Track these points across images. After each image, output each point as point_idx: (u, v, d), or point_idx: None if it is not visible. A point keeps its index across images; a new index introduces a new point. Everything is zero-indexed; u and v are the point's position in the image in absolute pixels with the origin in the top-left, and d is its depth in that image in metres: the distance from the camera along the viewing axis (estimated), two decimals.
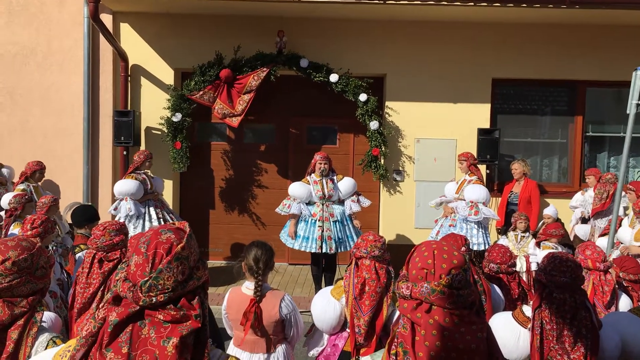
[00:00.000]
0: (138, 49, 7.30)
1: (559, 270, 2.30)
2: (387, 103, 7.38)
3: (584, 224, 6.66)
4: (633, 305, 3.19)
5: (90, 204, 6.48)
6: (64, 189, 7.39)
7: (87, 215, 4.35)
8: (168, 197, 7.20)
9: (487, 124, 7.34)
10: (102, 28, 6.67)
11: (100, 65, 7.33)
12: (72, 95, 7.32)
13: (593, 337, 2.22)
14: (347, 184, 6.09)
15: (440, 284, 1.54)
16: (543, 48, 7.27)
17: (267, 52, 7.00)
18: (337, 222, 5.97)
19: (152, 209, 6.16)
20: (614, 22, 7.01)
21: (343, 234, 5.97)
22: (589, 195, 6.63)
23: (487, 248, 4.67)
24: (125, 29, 7.33)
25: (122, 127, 7.03)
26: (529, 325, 2.36)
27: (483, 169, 7.23)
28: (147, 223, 6.03)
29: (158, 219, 6.13)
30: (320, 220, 5.89)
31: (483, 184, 6.08)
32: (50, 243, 4.51)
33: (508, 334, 2.43)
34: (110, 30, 7.01)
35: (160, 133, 7.32)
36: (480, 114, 7.33)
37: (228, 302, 3.05)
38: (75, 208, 4.55)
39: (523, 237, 5.88)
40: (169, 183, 7.36)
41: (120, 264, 2.79)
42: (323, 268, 6.17)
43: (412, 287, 1.58)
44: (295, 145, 7.75)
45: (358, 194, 6.21)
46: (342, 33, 7.26)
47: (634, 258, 3.82)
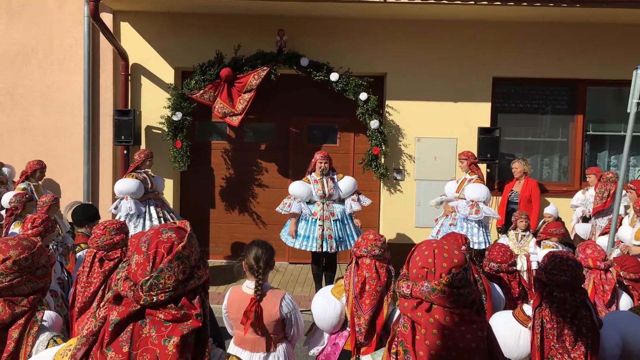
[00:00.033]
0: (138, 48, 7.30)
1: (560, 269, 2.29)
2: (387, 102, 7.37)
3: (585, 223, 6.66)
4: (634, 304, 3.19)
5: (91, 203, 6.47)
6: (65, 188, 7.39)
7: (87, 214, 4.34)
8: (168, 196, 7.20)
9: (487, 123, 7.33)
10: (102, 27, 6.67)
11: (101, 65, 7.33)
12: (72, 95, 7.32)
13: (593, 336, 2.22)
14: (347, 183, 6.09)
15: (441, 283, 1.54)
16: (544, 47, 7.26)
17: (267, 51, 7.00)
18: (337, 221, 5.97)
19: (152, 208, 6.16)
20: (615, 20, 7.00)
21: (343, 233, 5.97)
22: (590, 194, 6.62)
23: (487, 247, 4.67)
24: (126, 28, 7.33)
25: (122, 126, 7.03)
26: (530, 324, 2.35)
27: (483, 168, 7.23)
28: (147, 222, 6.03)
29: (158, 218, 6.12)
30: (321, 219, 5.89)
31: (483, 183, 6.08)
32: (51, 242, 4.52)
33: (508, 333, 2.43)
34: (111, 29, 7.01)
35: (161, 132, 7.32)
36: (481, 113, 7.33)
37: (228, 301, 3.05)
38: (76, 207, 4.54)
39: (523, 236, 5.87)
40: (170, 182, 7.36)
41: (121, 263, 2.79)
42: (323, 267, 6.17)
43: (412, 286, 1.58)
44: (296, 144, 7.75)
45: (358, 193, 6.21)
46: (342, 32, 7.25)
47: (634, 257, 3.81)
